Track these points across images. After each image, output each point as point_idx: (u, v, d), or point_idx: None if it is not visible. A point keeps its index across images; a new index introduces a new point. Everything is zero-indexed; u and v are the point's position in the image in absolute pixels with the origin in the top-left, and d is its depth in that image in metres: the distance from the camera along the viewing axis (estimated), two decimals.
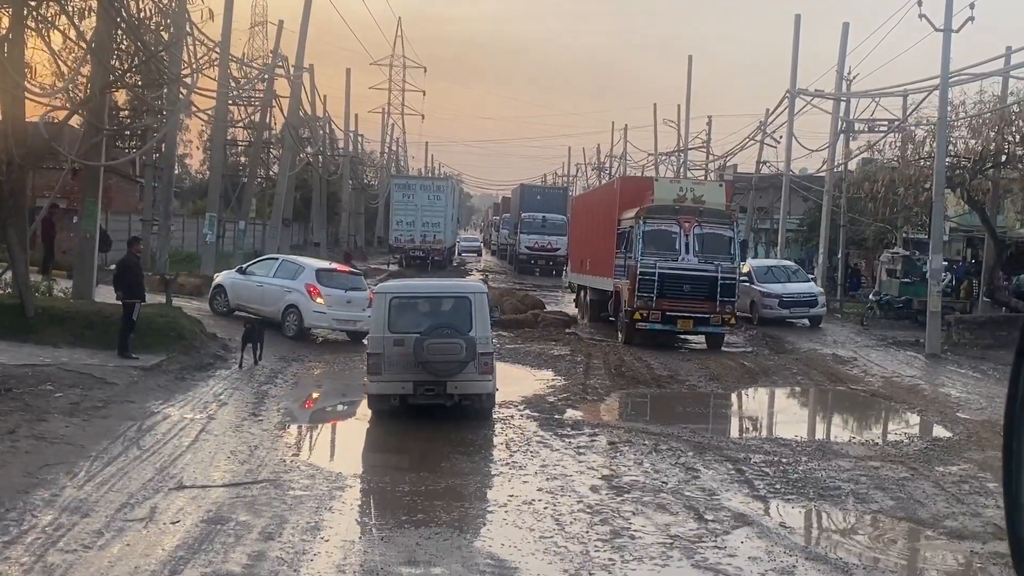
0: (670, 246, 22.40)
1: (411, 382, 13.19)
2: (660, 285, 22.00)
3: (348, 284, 21.41)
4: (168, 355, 16.25)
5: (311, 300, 20.70)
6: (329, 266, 23.07)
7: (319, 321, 20.90)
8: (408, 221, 49.26)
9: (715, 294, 22.10)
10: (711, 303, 22.14)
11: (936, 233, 22.72)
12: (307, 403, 15.61)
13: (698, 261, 22.27)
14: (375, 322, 13.67)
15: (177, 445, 11.36)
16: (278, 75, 35.21)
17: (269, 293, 21.46)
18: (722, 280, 22.17)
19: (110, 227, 34.62)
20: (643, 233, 22.40)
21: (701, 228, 22.48)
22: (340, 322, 20.91)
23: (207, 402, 14.03)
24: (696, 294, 22.14)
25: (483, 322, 13.48)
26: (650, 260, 22.17)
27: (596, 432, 13.11)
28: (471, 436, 12.75)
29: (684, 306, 22.17)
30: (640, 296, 22.10)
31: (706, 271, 22.21)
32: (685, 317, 22.29)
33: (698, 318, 22.32)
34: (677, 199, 22.96)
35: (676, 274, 22.16)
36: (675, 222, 22.44)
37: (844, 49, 36.78)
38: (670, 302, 22.09)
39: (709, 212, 22.73)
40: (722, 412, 16.90)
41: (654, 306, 22.06)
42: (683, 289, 22.11)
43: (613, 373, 18.53)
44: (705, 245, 22.40)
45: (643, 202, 23.34)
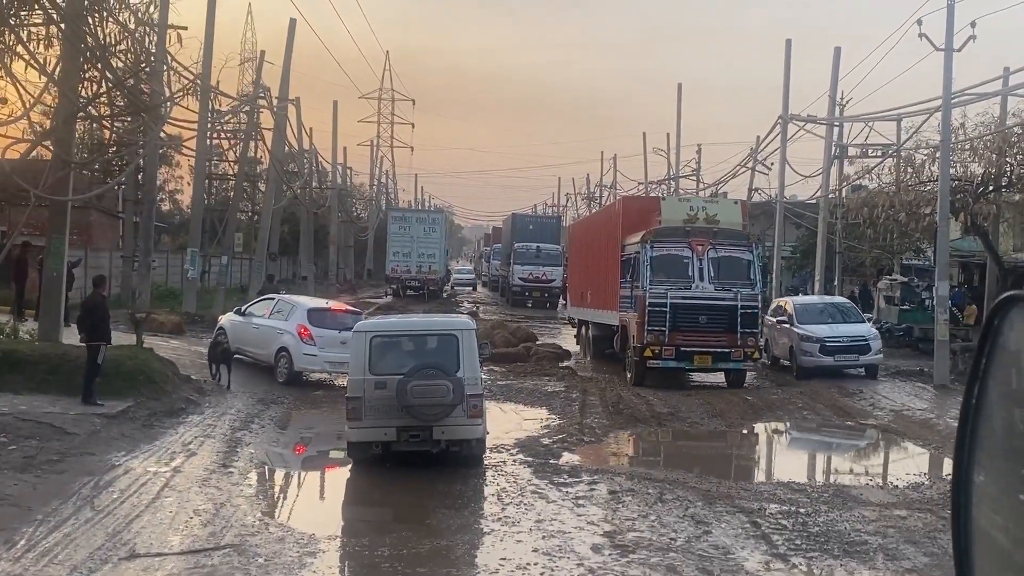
0: (682, 272, 20.14)
1: (394, 428, 12.16)
2: (673, 317, 19.73)
3: (343, 324, 19.31)
4: (136, 400, 15.22)
5: (301, 342, 19.48)
6: (323, 305, 21.64)
7: (310, 364, 19.69)
8: (404, 252, 50.64)
9: (735, 325, 19.79)
10: (731, 335, 19.85)
11: (942, 259, 21.86)
12: (282, 451, 14.56)
13: (714, 288, 19.98)
14: (354, 363, 12.64)
15: (135, 504, 10.33)
16: (262, 107, 34.37)
17: (263, 335, 20.44)
18: (743, 309, 19.83)
19: (90, 263, 33.75)
20: (651, 259, 20.10)
21: (716, 251, 20.17)
22: (333, 364, 19.12)
23: (174, 452, 12.99)
24: (714, 326, 19.87)
25: (471, 361, 12.49)
26: (660, 289, 19.87)
27: (595, 479, 12.12)
28: (460, 487, 11.76)
29: (701, 340, 19.89)
30: (650, 330, 19.77)
31: (724, 299, 19.92)
32: (702, 352, 19.95)
33: (717, 353, 19.98)
34: (687, 219, 20.79)
35: (690, 304, 19.91)
36: (686, 245, 20.16)
37: (836, 74, 36.18)
38: (685, 336, 19.85)
39: (724, 233, 20.49)
40: (729, 453, 15.88)
41: (667, 341, 19.74)
42: (699, 320, 19.84)
43: (611, 411, 17.54)
44: (721, 270, 20.15)
45: (649, 224, 21.12)
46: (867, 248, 36.78)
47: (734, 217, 21.35)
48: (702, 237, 20.24)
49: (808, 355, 22.39)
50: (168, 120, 27.87)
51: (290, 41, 34.01)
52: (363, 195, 78.07)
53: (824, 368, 22.26)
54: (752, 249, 20.71)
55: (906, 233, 30.21)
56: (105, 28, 15.63)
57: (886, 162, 30.55)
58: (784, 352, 23.49)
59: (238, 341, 21.14)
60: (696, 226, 20.59)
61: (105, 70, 15.64)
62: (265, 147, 36.53)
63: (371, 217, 76.01)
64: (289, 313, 20.42)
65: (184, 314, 30.44)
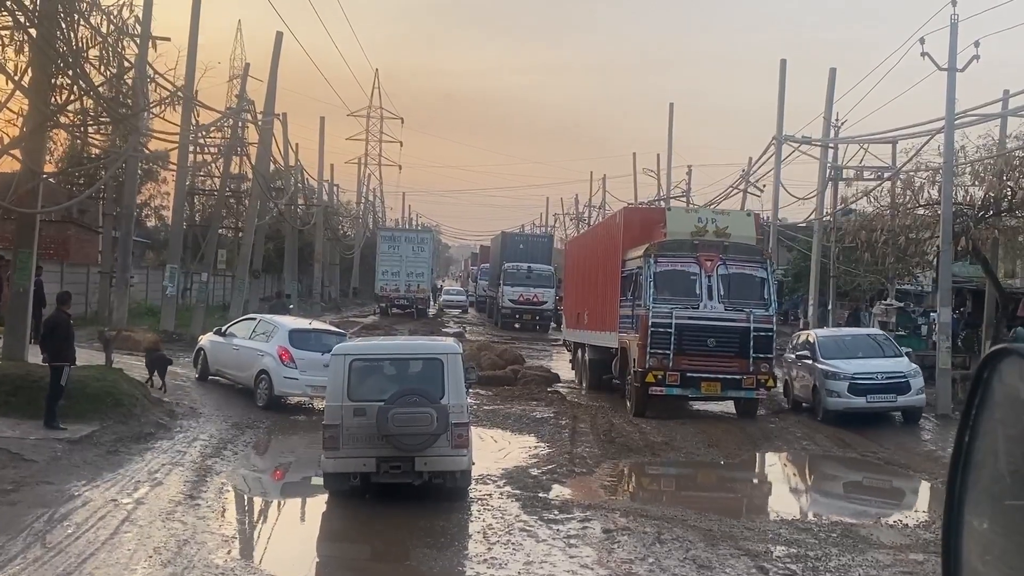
0: (688, 290, 18.39)
1: (373, 458, 11.37)
2: (678, 339, 17.97)
3: (324, 346, 17.97)
4: (102, 424, 14.38)
5: (282, 365, 18.54)
6: (306, 326, 20.56)
7: (290, 388, 18.68)
8: (393, 271, 51.49)
9: (747, 349, 18.02)
10: (742, 360, 18.04)
11: (944, 284, 21.25)
12: (255, 481, 13.73)
13: (724, 308, 18.24)
14: (332, 389, 11.83)
15: (91, 541, 9.51)
16: (246, 121, 33.63)
17: (243, 357, 19.55)
18: (756, 331, 18.01)
19: (66, 280, 32.85)
20: (654, 275, 18.33)
21: (726, 267, 18.42)
22: (315, 389, 17.89)
23: (139, 482, 12.16)
24: (723, 349, 18.10)
25: (457, 387, 11.69)
26: (664, 308, 18.11)
27: (588, 516, 11.34)
28: (442, 523, 10.97)
29: (709, 365, 18.08)
30: (653, 353, 17.97)
31: (735, 320, 18.13)
32: (710, 379, 18.10)
33: (727, 379, 18.12)
34: (695, 232, 18.94)
35: (698, 324, 18.14)
36: (694, 260, 18.42)
37: (832, 95, 35.70)
38: (691, 360, 18.05)
39: (736, 247, 18.66)
40: (728, 487, 15.10)
41: (671, 365, 17.92)
42: (707, 343, 18.09)
43: (602, 439, 16.75)
44: (732, 288, 18.38)
45: (653, 237, 19.32)
46: (862, 272, 36.23)
47: (747, 230, 19.59)
48: (711, 251, 18.52)
49: (835, 395, 18.82)
50: (149, 133, 27.24)
51: (276, 54, 33.34)
52: (350, 213, 77.30)
53: (855, 411, 18.77)
54: (766, 266, 18.91)
55: (903, 258, 29.58)
56: (77, 32, 14.84)
57: (885, 185, 29.96)
58: (806, 392, 20.07)
59: (218, 363, 20.46)
60: (705, 239, 18.83)
61: (77, 76, 14.84)
62: (249, 162, 35.75)
63: (358, 235, 75.28)
64: (270, 334, 19.47)
65: (162, 332, 29.56)
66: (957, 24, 20.41)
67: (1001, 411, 1.76)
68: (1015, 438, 1.76)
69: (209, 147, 41.42)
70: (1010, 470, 1.78)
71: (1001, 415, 1.75)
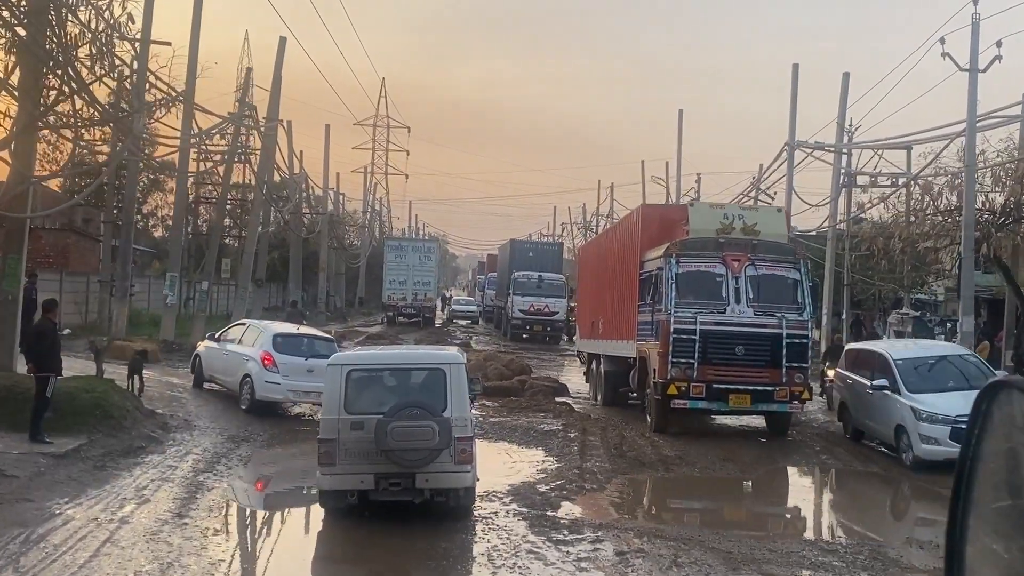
0: (714, 293, 16.93)
1: (372, 475, 10.72)
2: (703, 347, 16.52)
3: (311, 351, 18.74)
4: (90, 438, 13.77)
5: (264, 369, 18.40)
6: (291, 331, 20.41)
7: (272, 392, 18.41)
8: (400, 280, 52.13)
9: (779, 358, 16.54)
10: (774, 370, 16.56)
11: (966, 292, 20.55)
12: (248, 498, 13.06)
13: (754, 313, 16.73)
14: (328, 400, 11.17)
15: (68, 564, 8.87)
16: (248, 127, 33.07)
17: (231, 362, 19.54)
18: (789, 338, 16.52)
19: (65, 288, 32.32)
20: (676, 276, 16.86)
21: (756, 267, 16.95)
22: (297, 394, 18.33)
23: (125, 499, 11.51)
24: (753, 359, 16.63)
25: (460, 399, 11.02)
26: (688, 313, 16.65)
27: (600, 536, 10.65)
28: (445, 544, 10.30)
29: (737, 375, 16.62)
30: (675, 363, 16.55)
31: (766, 326, 16.64)
32: (739, 391, 16.62)
33: (757, 391, 16.63)
34: (721, 229, 17.37)
35: (725, 331, 16.63)
36: (720, 260, 16.96)
37: (845, 100, 35.14)
38: (717, 370, 16.60)
39: (766, 246, 17.16)
40: (747, 505, 14.33)
41: (695, 376, 16.47)
42: (735, 352, 16.62)
43: (613, 453, 16.04)
44: (762, 290, 16.92)
45: (674, 236, 17.88)
46: (874, 280, 35.53)
47: (777, 227, 17.97)
48: (739, 251, 16.99)
49: (932, 442, 15.04)
50: (149, 137, 26.66)
51: (279, 60, 32.81)
52: (355, 222, 76.77)
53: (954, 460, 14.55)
54: (800, 266, 17.24)
55: (919, 266, 28.86)
56: (65, 28, 14.27)
57: (901, 191, 29.27)
58: (886, 431, 16.49)
59: (211, 368, 20.45)
60: (732, 237, 17.27)
61: (66, 75, 14.26)
62: (252, 170, 35.19)
63: (364, 244, 74.75)
64: (256, 339, 19.34)
65: (161, 342, 29.02)
66: (979, 23, 19.80)
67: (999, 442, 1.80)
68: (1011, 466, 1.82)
69: (212, 155, 41.02)
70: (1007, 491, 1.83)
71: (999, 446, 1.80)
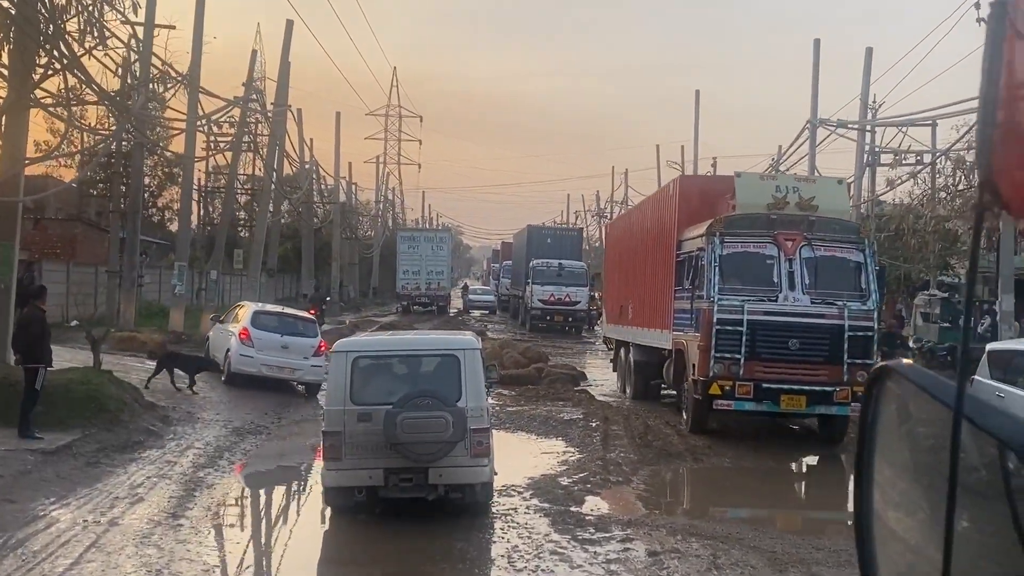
0: (764, 278, 14.80)
1: (381, 470, 9.93)
2: (751, 340, 14.43)
3: (286, 329, 19.91)
4: (84, 433, 12.98)
5: (240, 344, 19.49)
6: (271, 309, 22.01)
7: (245, 366, 19.32)
8: (414, 270, 53.02)
9: (840, 353, 14.33)
10: (833, 367, 14.38)
11: (1005, 270, 19.53)
12: (250, 497, 12.24)
13: (810, 301, 14.58)
14: (332, 390, 10.39)
15: (48, 571, 8.09)
16: (254, 110, 32.26)
17: (222, 339, 20.95)
18: (851, 330, 14.32)
19: (72, 280, 31.67)
20: (720, 258, 14.75)
21: (813, 249, 14.74)
22: (270, 368, 19.25)
23: (116, 498, 10.72)
24: (809, 353, 14.45)
25: (475, 388, 10.19)
26: (733, 301, 14.55)
27: (629, 535, 9.80)
28: (461, 544, 9.47)
29: (790, 373, 14.45)
30: (719, 358, 14.47)
31: (824, 317, 14.49)
32: (793, 391, 14.45)
33: (815, 392, 14.42)
34: (773, 204, 15.19)
35: (777, 322, 14.49)
36: (771, 240, 14.75)
37: (868, 76, 34.02)
38: (767, 367, 14.45)
39: (826, 224, 14.92)
40: (786, 497, 13.36)
41: (742, 373, 14.39)
42: (788, 346, 14.47)
43: (638, 443, 15.16)
44: (820, 275, 14.73)
45: (718, 211, 15.83)
46: (901, 262, 34.50)
47: (838, 202, 15.72)
48: (794, 229, 14.78)
49: None
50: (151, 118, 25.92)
51: (287, 42, 31.93)
52: (369, 212, 76.03)
53: None
54: (864, 247, 14.98)
55: (949, 247, 27.82)
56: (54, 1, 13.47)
57: (928, 168, 28.25)
58: None
59: (214, 349, 21.53)
60: (785, 213, 15.06)
61: (55, 48, 13.46)
62: (259, 156, 34.40)
63: (377, 234, 74.00)
64: (243, 317, 20.48)
65: (170, 333, 28.31)
66: None
67: (886, 428, 1.85)
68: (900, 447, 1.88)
69: (221, 143, 40.25)
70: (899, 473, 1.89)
71: (886, 431, 1.86)
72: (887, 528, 1.92)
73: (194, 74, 27.91)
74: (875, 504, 1.89)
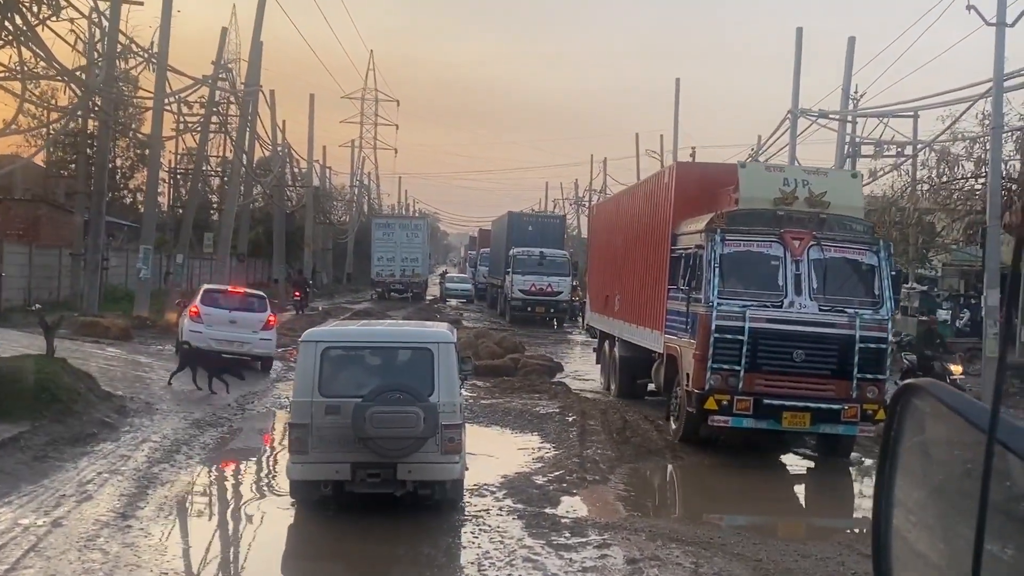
0: (768, 281, 13.54)
1: (348, 464, 9.55)
2: (752, 350, 13.13)
3: (233, 304, 21.07)
4: (33, 424, 12.27)
5: (190, 320, 20.57)
6: (220, 287, 23.12)
7: (196, 341, 19.84)
8: (388, 257, 52.99)
9: (850, 367, 13.07)
10: (842, 382, 13.10)
11: (991, 263, 19.17)
12: (206, 494, 11.59)
13: (818, 307, 13.28)
14: (300, 381, 9.94)
15: None
16: (224, 90, 31.42)
17: (184, 320, 21.48)
18: (863, 342, 13.05)
19: (34, 262, 30.76)
20: (720, 257, 13.47)
21: (823, 250, 13.47)
22: (219, 342, 19.99)
23: (63, 496, 10.06)
24: (816, 366, 13.20)
25: (449, 382, 9.82)
26: (734, 305, 13.26)
27: (606, 539, 9.27)
28: (429, 550, 8.92)
29: (794, 387, 13.18)
30: (717, 369, 13.19)
31: (834, 326, 13.21)
32: (797, 407, 13.16)
33: (820, 410, 13.16)
34: (780, 198, 13.78)
35: (781, 330, 13.19)
36: (777, 239, 13.48)
37: (850, 66, 33.56)
38: (769, 380, 13.19)
39: (838, 222, 13.64)
40: (772, 498, 12.76)
41: (741, 387, 13.11)
42: (792, 357, 13.16)
43: (616, 439, 14.65)
44: (830, 279, 13.51)
45: (719, 205, 14.47)
46: None
47: (852, 198, 14.30)
48: (802, 228, 13.51)
49: None
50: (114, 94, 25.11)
51: (259, 20, 31.05)
52: (343, 197, 75.06)
53: None
54: (879, 249, 13.66)
55: (928, 239, 27.50)
56: None
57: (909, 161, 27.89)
58: None
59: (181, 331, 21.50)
60: (793, 210, 13.72)
61: (4, 18, 12.70)
62: (228, 137, 33.57)
63: (352, 220, 73.11)
64: None
65: (135, 318, 27.55)
66: None
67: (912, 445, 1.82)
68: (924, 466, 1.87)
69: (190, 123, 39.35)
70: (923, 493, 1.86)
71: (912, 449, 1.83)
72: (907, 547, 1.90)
73: (162, 50, 27.12)
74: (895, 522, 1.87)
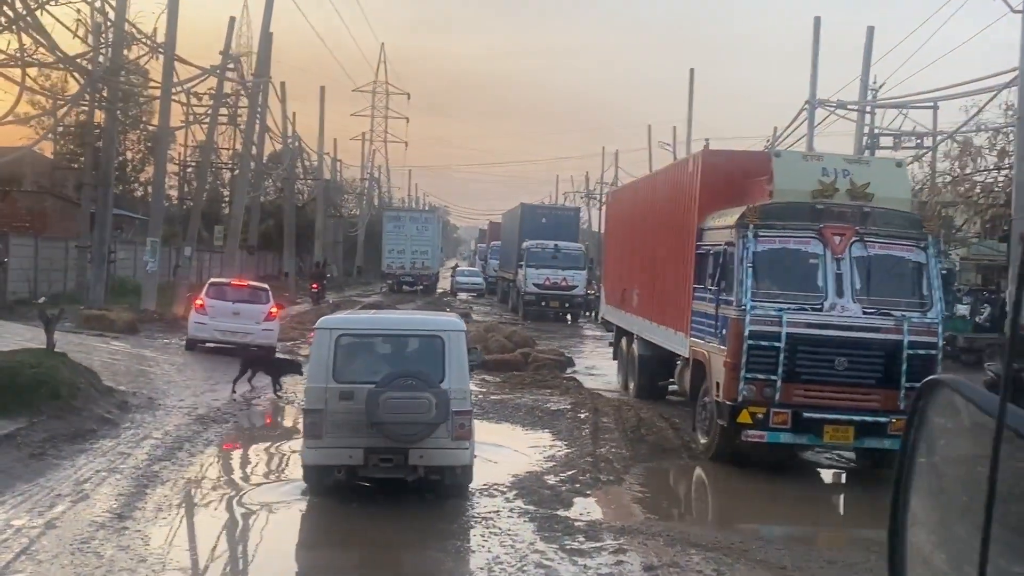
0: (807, 281, 12.40)
1: (361, 449, 9.71)
2: (790, 358, 11.88)
3: (236, 296, 21.84)
4: (31, 421, 11.96)
5: (196, 312, 21.46)
6: (224, 280, 23.99)
7: (200, 332, 21.29)
8: (399, 250, 53.60)
9: (897, 376, 11.80)
10: (888, 392, 11.86)
11: (1016, 257, 18.67)
12: (207, 494, 11.19)
13: (862, 310, 12.04)
14: (314, 368, 10.13)
15: None
16: (233, 80, 31.07)
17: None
18: (911, 348, 11.77)
19: (41, 255, 30.49)
20: (753, 255, 12.20)
21: (866, 247, 12.20)
22: (223, 333, 20.99)
23: (59, 495, 9.71)
24: (860, 375, 11.95)
25: (459, 370, 9.97)
26: (769, 309, 12.00)
27: (622, 544, 8.87)
28: (436, 554, 8.57)
29: (837, 398, 11.94)
30: (750, 379, 11.92)
31: (879, 330, 11.96)
32: (840, 421, 11.89)
33: (865, 423, 11.86)
34: (819, 190, 12.58)
35: (822, 336, 11.96)
36: (816, 235, 12.22)
37: (869, 56, 33.07)
38: (809, 391, 11.95)
39: (883, 216, 12.35)
40: (794, 499, 12.16)
41: (778, 398, 11.85)
42: (834, 365, 11.93)
43: (630, 437, 14.22)
44: (875, 279, 12.21)
45: (751, 197, 13.09)
46: None
47: (898, 188, 13.09)
48: (843, 223, 12.22)
49: None
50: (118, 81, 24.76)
51: (269, 6, 30.68)
52: (353, 190, 74.77)
53: None
54: (928, 245, 12.34)
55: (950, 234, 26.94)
56: None
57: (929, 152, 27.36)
58: None
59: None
60: (833, 203, 12.47)
61: (3, 4, 12.35)
62: (240, 131, 33.24)
63: (362, 213, 72.84)
64: None
65: (141, 311, 27.26)
66: None
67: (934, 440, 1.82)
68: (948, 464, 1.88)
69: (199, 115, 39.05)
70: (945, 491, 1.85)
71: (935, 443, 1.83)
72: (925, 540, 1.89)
73: (170, 39, 26.77)
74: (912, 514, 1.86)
